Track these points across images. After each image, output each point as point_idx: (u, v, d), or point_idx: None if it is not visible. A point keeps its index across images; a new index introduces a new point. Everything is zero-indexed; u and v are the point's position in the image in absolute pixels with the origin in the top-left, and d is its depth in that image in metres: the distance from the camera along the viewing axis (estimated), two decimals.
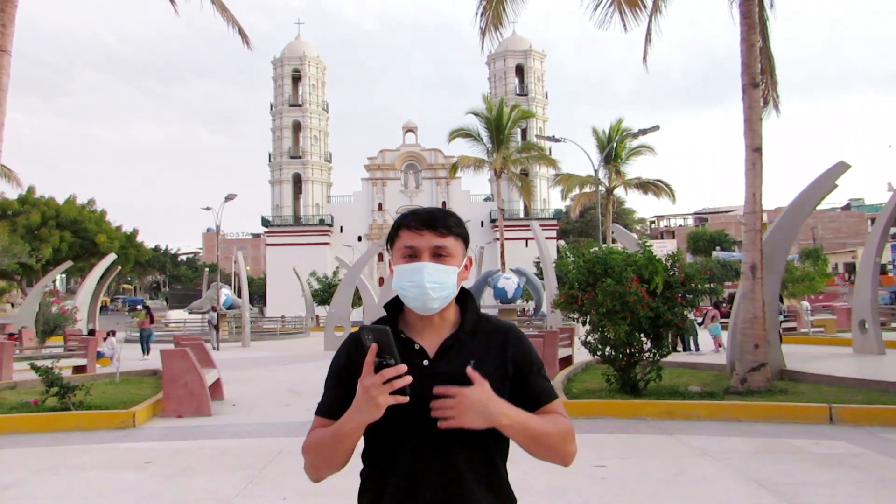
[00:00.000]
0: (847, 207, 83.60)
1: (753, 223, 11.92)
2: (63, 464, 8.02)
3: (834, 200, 79.48)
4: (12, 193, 49.41)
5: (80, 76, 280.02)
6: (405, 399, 1.63)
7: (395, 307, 1.95)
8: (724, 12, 22.38)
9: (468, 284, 38.92)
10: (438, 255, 1.85)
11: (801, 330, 26.57)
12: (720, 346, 20.10)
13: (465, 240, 1.94)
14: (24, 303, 30.28)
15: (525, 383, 1.89)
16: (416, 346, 1.85)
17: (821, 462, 7.37)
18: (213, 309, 30.28)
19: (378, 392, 1.62)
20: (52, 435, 9.65)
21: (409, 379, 1.62)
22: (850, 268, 56.70)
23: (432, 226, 1.86)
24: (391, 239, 1.93)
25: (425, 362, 1.83)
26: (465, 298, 1.96)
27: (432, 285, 1.81)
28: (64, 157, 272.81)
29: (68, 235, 52.46)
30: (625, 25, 14.01)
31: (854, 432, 8.83)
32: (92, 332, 23.76)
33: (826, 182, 13.57)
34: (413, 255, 1.85)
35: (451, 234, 1.88)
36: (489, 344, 1.89)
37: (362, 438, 1.80)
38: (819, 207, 22.17)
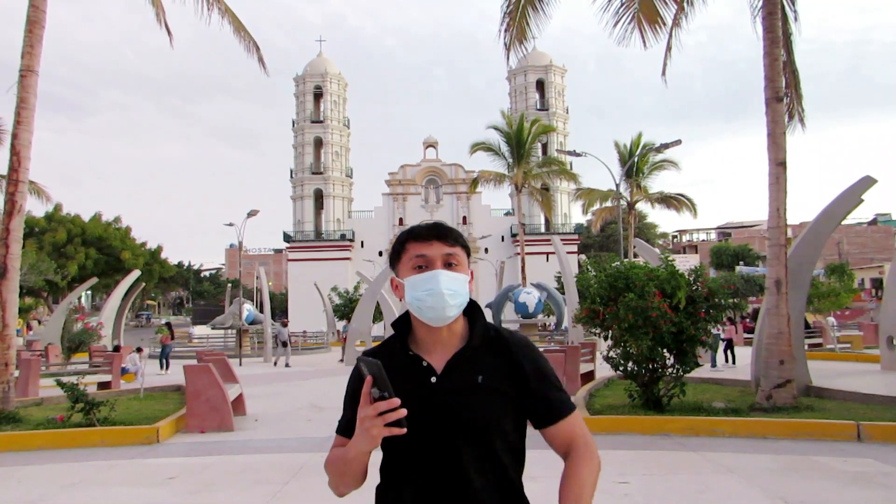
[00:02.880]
0: (874, 222, 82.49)
1: (778, 238, 11.81)
2: (88, 480, 8.08)
3: (860, 215, 78.63)
4: (41, 210, 50.20)
5: (105, 95, 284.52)
6: (401, 431, 1.63)
7: (403, 324, 1.95)
8: (746, 27, 22.26)
9: (489, 298, 38.84)
10: (449, 263, 1.86)
11: (828, 346, 26.21)
12: None
13: (468, 252, 1.96)
14: (49, 319, 30.62)
15: (540, 396, 1.88)
16: (424, 364, 1.85)
17: (849, 480, 7.25)
18: (284, 324, 28.37)
19: (371, 424, 1.63)
20: (78, 451, 9.74)
21: (403, 412, 1.62)
22: (877, 283, 55.85)
23: (441, 236, 1.88)
24: (396, 254, 1.93)
25: (433, 379, 1.83)
26: (474, 312, 1.95)
27: (449, 292, 1.82)
28: (90, 175, 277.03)
29: (94, 252, 53.11)
30: (644, 42, 13.98)
31: (883, 450, 8.68)
32: (117, 349, 23.97)
33: (852, 196, 13.42)
34: (424, 266, 1.85)
35: (458, 245, 1.89)
36: (498, 356, 1.88)
37: (380, 450, 1.81)
38: (845, 222, 21.95)
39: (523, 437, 1.91)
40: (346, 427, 1.87)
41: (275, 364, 24.90)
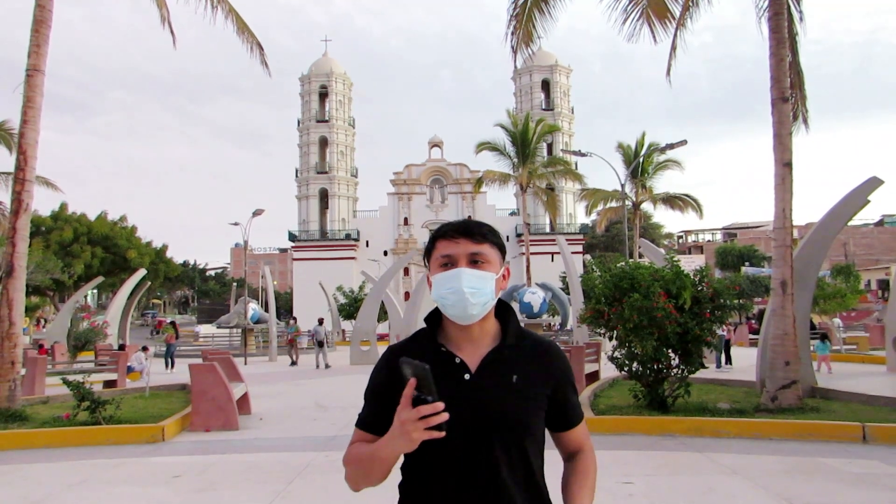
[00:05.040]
0: (880, 223, 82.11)
1: (783, 238, 11.79)
2: (93, 478, 8.11)
3: (867, 216, 78.36)
4: (49, 204, 50.34)
5: (111, 95, 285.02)
6: (440, 434, 1.61)
7: (435, 320, 1.95)
8: (752, 27, 22.24)
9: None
10: (475, 261, 1.86)
11: (833, 347, 26.15)
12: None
13: (502, 249, 1.94)
14: (56, 318, 30.72)
15: (563, 402, 1.92)
16: (458, 360, 1.85)
17: (854, 482, 7.24)
18: (321, 322, 26.60)
19: (413, 427, 1.60)
20: (83, 449, 9.77)
21: (445, 416, 1.59)
22: (884, 284, 55.65)
23: (468, 233, 1.88)
24: (428, 252, 1.94)
25: (466, 376, 1.83)
26: (507, 312, 1.96)
27: (470, 290, 1.81)
28: (96, 174, 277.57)
29: (100, 251, 53.26)
30: (654, 37, 14.00)
31: (888, 452, 8.66)
32: (122, 347, 24.04)
33: (858, 197, 13.37)
34: (450, 264, 1.86)
35: (486, 242, 1.88)
36: (531, 359, 1.89)
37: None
38: (851, 223, 21.90)
39: (544, 440, 1.93)
40: (369, 422, 1.88)
41: (317, 367, 24.10)
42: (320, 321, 26.54)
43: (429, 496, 1.82)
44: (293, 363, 26.44)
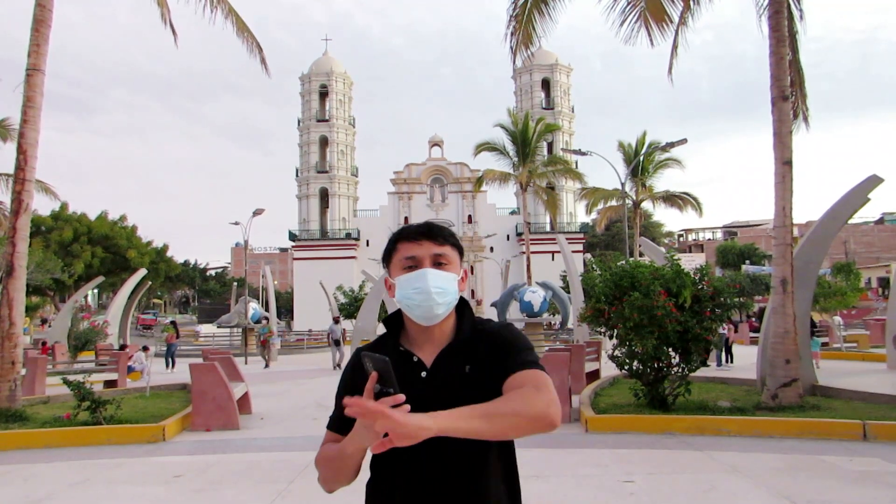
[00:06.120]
0: (880, 221, 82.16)
1: (784, 237, 11.79)
2: (94, 478, 8.11)
3: (867, 214, 78.32)
4: (47, 208, 50.39)
5: (113, 95, 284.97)
6: None
7: (396, 322, 1.97)
8: (752, 26, 22.20)
9: (495, 297, 38.79)
10: (439, 262, 1.87)
11: (834, 345, 26.14)
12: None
13: (461, 251, 1.96)
14: (56, 318, 30.72)
15: (505, 360, 1.82)
16: (415, 359, 1.87)
17: (855, 479, 7.24)
18: (336, 321, 25.99)
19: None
20: (84, 449, 9.77)
21: (407, 408, 1.58)
22: (884, 282, 55.64)
23: (430, 235, 1.89)
24: (388, 253, 1.94)
25: (423, 373, 1.85)
26: (463, 309, 1.97)
27: (437, 290, 1.83)
28: (96, 173, 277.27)
29: (100, 251, 53.26)
30: (651, 41, 13.94)
31: (889, 449, 8.66)
32: (123, 347, 24.03)
33: (858, 195, 13.37)
34: (414, 266, 1.87)
35: (448, 244, 1.91)
36: (485, 347, 1.89)
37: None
38: (851, 221, 21.86)
39: None
40: (338, 422, 1.89)
41: (335, 367, 23.81)
42: (336, 320, 26.28)
43: (392, 493, 1.84)
44: (266, 365, 26.01)
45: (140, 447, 9.86)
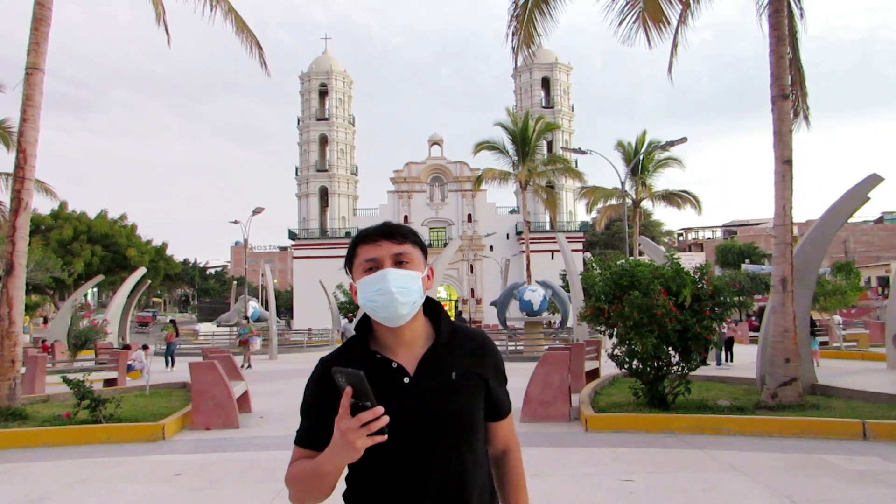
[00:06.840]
0: (880, 220, 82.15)
1: (784, 236, 11.79)
2: (94, 476, 8.11)
3: (867, 213, 78.32)
4: (46, 208, 50.37)
5: (112, 94, 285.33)
6: (383, 438, 1.58)
7: (365, 327, 1.93)
8: (753, 25, 22.23)
9: (494, 296, 38.75)
10: (399, 262, 1.84)
11: (833, 344, 26.15)
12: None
13: (423, 249, 1.93)
14: (56, 317, 30.70)
15: (496, 391, 1.92)
16: (395, 365, 1.83)
17: (854, 479, 7.24)
18: (349, 319, 25.07)
19: (355, 436, 1.56)
20: (84, 448, 9.77)
21: (386, 419, 1.56)
22: (884, 282, 55.66)
23: (389, 235, 1.86)
24: (349, 259, 1.91)
25: (406, 380, 1.81)
26: (436, 309, 1.95)
27: (399, 290, 1.79)
28: (96, 172, 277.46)
29: (99, 250, 53.24)
30: (649, 41, 13.89)
31: (889, 448, 8.67)
32: (127, 347, 23.97)
33: (858, 194, 13.37)
34: (374, 267, 1.83)
35: (407, 242, 1.87)
36: (467, 353, 1.89)
37: None
38: (852, 220, 21.88)
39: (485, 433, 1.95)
40: (309, 438, 1.84)
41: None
42: (349, 318, 25.44)
43: (379, 502, 1.81)
44: (248, 366, 24.98)
45: (140, 446, 9.86)
